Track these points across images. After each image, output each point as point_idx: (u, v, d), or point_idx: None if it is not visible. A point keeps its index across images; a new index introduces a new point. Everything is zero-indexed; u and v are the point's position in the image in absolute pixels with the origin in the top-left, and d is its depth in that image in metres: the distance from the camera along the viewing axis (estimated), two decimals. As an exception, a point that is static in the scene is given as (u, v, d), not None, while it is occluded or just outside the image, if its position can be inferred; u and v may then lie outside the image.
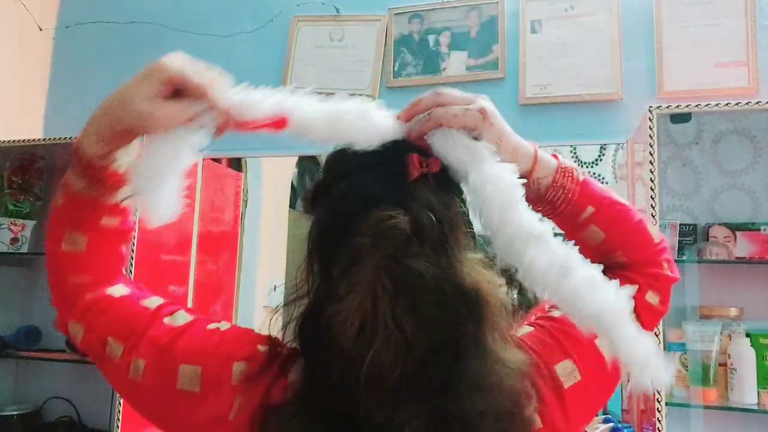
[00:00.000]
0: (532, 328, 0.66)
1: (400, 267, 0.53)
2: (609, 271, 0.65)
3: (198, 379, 0.59)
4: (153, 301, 0.66)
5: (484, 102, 0.63)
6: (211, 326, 0.63)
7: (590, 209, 0.66)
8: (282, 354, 0.60)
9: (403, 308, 0.52)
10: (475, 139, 0.61)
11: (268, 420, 0.55)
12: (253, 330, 0.64)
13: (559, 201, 0.66)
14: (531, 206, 0.61)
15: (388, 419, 0.51)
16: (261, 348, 0.61)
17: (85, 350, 0.66)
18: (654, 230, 0.69)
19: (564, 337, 0.63)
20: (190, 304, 2.02)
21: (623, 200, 0.69)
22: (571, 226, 0.69)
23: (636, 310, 0.64)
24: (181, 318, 0.64)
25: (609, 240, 0.67)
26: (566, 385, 0.61)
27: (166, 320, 0.63)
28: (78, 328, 0.65)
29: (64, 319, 0.67)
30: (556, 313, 0.66)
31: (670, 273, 0.69)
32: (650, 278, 0.67)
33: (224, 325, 0.64)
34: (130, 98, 0.56)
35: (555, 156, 0.67)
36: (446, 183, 0.60)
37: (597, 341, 0.63)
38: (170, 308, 0.65)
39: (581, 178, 0.66)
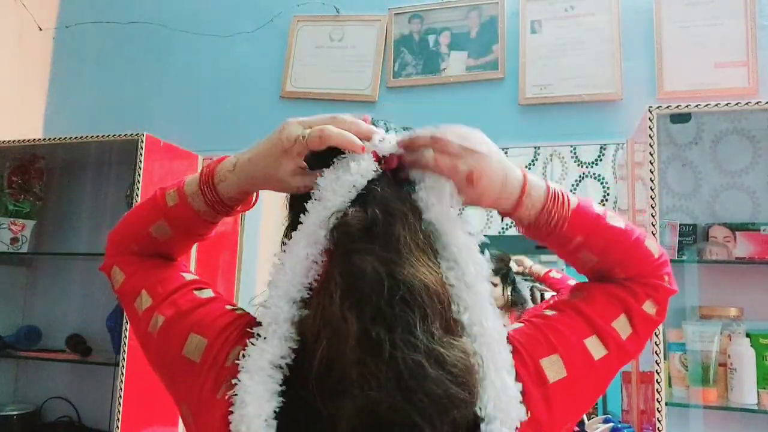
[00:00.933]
0: (522, 325, 0.67)
1: (347, 263, 0.57)
2: (608, 281, 0.68)
3: (201, 350, 0.63)
4: (190, 276, 0.73)
5: (479, 162, 0.62)
6: (229, 307, 0.68)
7: (578, 239, 0.66)
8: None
9: (348, 303, 0.55)
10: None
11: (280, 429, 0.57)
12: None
13: (546, 227, 0.66)
14: (522, 232, 0.69)
15: (329, 410, 0.53)
16: None
17: (119, 295, 0.74)
18: (653, 246, 0.69)
19: (552, 333, 0.64)
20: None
21: (619, 221, 0.68)
22: (563, 251, 0.70)
23: (631, 318, 0.66)
24: (206, 294, 0.70)
25: (603, 263, 0.68)
26: (551, 380, 0.61)
27: (194, 291, 0.70)
28: (121, 274, 0.73)
29: (111, 262, 0.75)
30: (549, 312, 0.67)
31: (669, 285, 0.69)
32: (649, 288, 0.68)
33: (240, 310, 0.68)
34: (273, 174, 0.65)
35: (546, 183, 0.67)
36: (404, 177, 0.65)
37: (586, 341, 0.64)
38: (201, 284, 0.71)
39: (573, 203, 0.66)
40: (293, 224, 0.64)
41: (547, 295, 1.83)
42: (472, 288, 0.60)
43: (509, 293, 1.80)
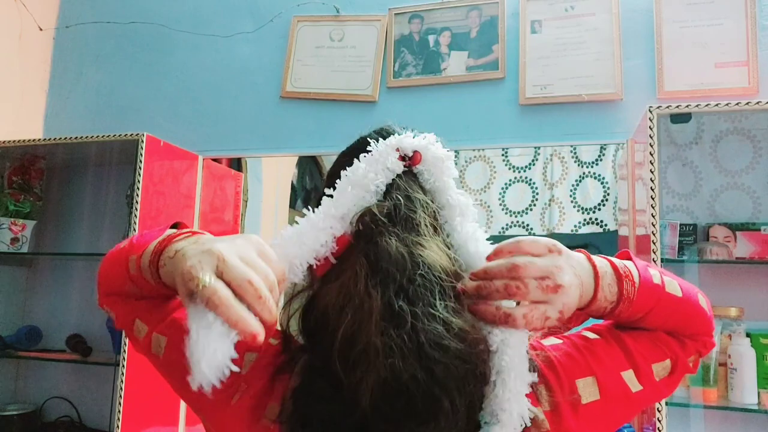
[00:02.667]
0: (560, 341, 0.67)
1: (374, 247, 0.60)
2: (663, 332, 0.69)
3: None
4: None
5: (563, 298, 0.58)
6: None
7: (641, 315, 0.65)
8: (292, 348, 0.64)
9: (374, 282, 0.57)
10: None
11: (295, 401, 0.59)
12: None
13: (615, 319, 0.66)
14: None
15: (350, 379, 0.55)
16: (273, 341, 0.65)
17: (118, 329, 0.75)
18: (705, 304, 0.70)
19: (591, 355, 0.65)
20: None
21: (676, 289, 0.67)
22: (623, 323, 0.69)
23: (675, 366, 0.68)
24: None
25: (661, 329, 0.68)
26: (584, 401, 0.62)
27: None
28: (112, 313, 0.74)
29: (102, 301, 0.75)
30: (590, 335, 0.68)
31: (713, 340, 0.71)
32: (700, 345, 0.70)
33: None
34: (174, 284, 0.57)
35: (617, 273, 0.62)
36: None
37: (623, 373, 0.65)
38: None
39: (637, 279, 0.63)
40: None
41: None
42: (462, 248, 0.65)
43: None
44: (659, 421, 1.37)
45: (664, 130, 1.62)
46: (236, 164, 2.26)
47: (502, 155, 1.98)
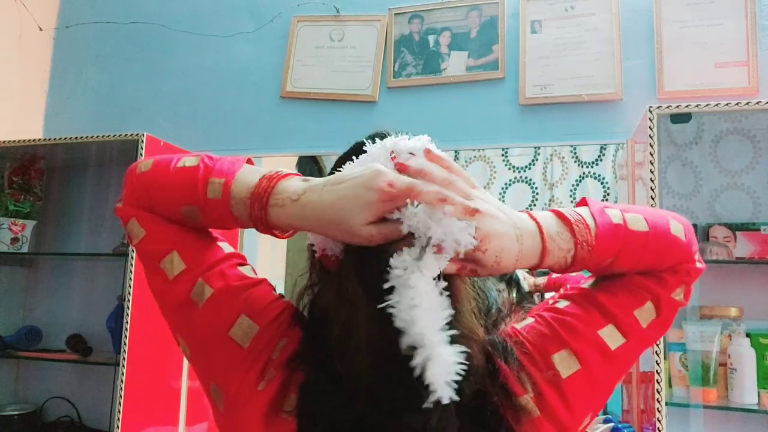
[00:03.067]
0: (532, 320, 0.66)
1: (365, 251, 0.57)
2: (639, 275, 0.66)
3: (251, 336, 0.61)
4: (228, 247, 0.68)
5: (485, 220, 0.56)
6: (278, 293, 0.66)
7: (609, 260, 0.62)
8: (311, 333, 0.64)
9: (362, 286, 0.57)
10: (470, 260, 0.59)
11: (300, 396, 0.59)
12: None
13: (581, 267, 0.62)
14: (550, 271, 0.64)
15: (347, 370, 0.56)
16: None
17: (137, 251, 0.67)
18: (678, 229, 0.65)
19: (562, 327, 0.63)
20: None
21: (641, 223, 0.63)
22: (595, 272, 0.67)
23: (659, 306, 0.64)
24: (250, 272, 0.67)
25: (636, 269, 0.65)
26: (564, 375, 0.61)
27: (240, 268, 0.66)
28: (141, 229, 0.65)
29: (130, 212, 0.66)
30: (560, 304, 0.67)
31: (699, 264, 0.66)
32: (682, 274, 0.65)
33: (283, 298, 0.67)
34: (346, 221, 0.55)
35: (567, 222, 0.60)
36: None
37: (600, 331, 0.63)
38: (241, 260, 0.68)
39: (593, 232, 0.60)
40: None
41: (547, 295, 1.83)
42: None
43: (514, 295, 1.80)
44: (659, 421, 1.37)
45: (664, 130, 1.62)
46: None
47: (502, 155, 1.97)
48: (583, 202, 0.65)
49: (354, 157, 0.64)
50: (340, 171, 0.61)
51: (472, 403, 0.56)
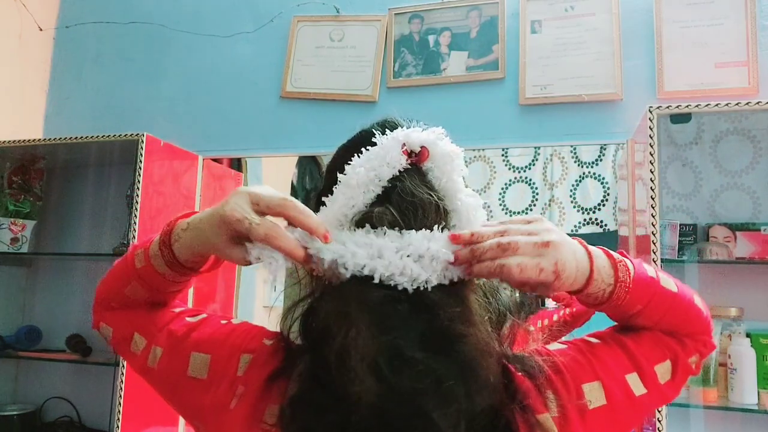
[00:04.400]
0: (565, 346, 0.67)
1: None
2: (663, 332, 0.68)
3: (206, 366, 0.64)
4: (180, 308, 0.74)
5: (556, 253, 0.58)
6: (224, 321, 0.70)
7: (638, 307, 0.64)
8: (289, 349, 0.63)
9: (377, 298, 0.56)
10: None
11: (291, 410, 0.58)
12: (264, 327, 0.69)
13: (612, 309, 0.65)
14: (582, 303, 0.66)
15: (347, 388, 0.55)
16: (267, 342, 0.65)
17: (113, 347, 0.75)
18: (702, 304, 0.69)
19: (596, 360, 0.64)
20: (190, 304, 2.01)
21: (671, 285, 0.66)
22: (616, 318, 0.69)
23: (676, 367, 0.66)
24: (198, 318, 0.71)
25: (656, 327, 0.67)
26: (591, 406, 0.61)
27: (187, 318, 0.71)
28: (108, 328, 0.74)
29: (98, 319, 0.76)
30: (593, 340, 0.68)
31: (714, 342, 0.70)
32: (700, 344, 0.68)
33: (235, 321, 0.70)
34: (213, 243, 0.61)
35: (611, 259, 0.63)
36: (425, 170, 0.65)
37: (627, 376, 0.64)
38: (194, 312, 0.73)
39: (632, 276, 0.63)
40: (323, 195, 0.65)
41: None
42: None
43: (516, 295, 1.79)
44: (659, 422, 1.37)
45: (664, 130, 1.62)
46: (236, 164, 2.26)
47: (502, 155, 1.97)
48: (621, 254, 0.66)
49: (363, 149, 0.63)
50: (349, 164, 0.62)
51: (484, 418, 0.55)
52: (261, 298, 2.17)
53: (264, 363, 0.62)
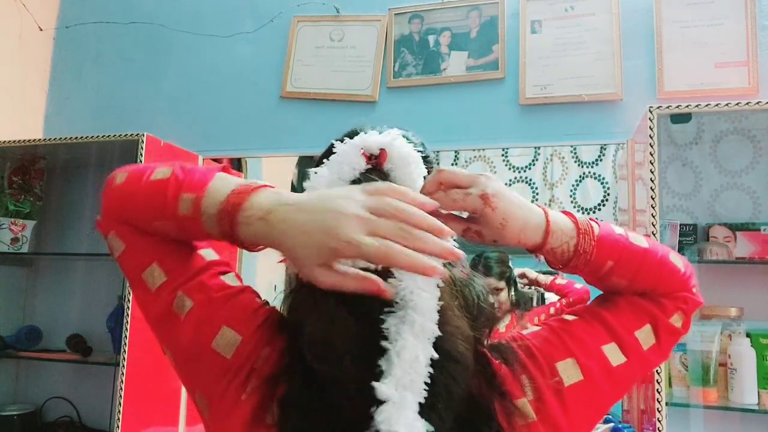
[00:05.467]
0: (539, 328, 0.67)
1: None
2: (639, 297, 0.68)
3: (234, 347, 0.60)
4: (210, 253, 0.67)
5: (488, 182, 0.61)
6: (259, 300, 0.65)
7: (610, 263, 0.65)
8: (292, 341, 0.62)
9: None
10: (477, 219, 0.62)
11: (281, 410, 0.58)
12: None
13: (582, 264, 0.64)
14: (550, 266, 0.67)
15: (326, 379, 0.55)
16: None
17: (119, 263, 0.66)
18: (678, 260, 0.68)
19: (569, 337, 0.65)
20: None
21: (642, 242, 0.67)
22: (592, 279, 0.68)
23: (657, 330, 0.66)
24: (232, 280, 0.65)
25: (633, 285, 0.67)
26: (567, 383, 0.62)
27: (221, 276, 0.65)
28: (119, 242, 0.65)
29: (108, 226, 0.66)
30: (569, 317, 0.68)
31: (696, 298, 0.69)
32: (679, 301, 0.67)
33: (267, 304, 0.66)
34: (301, 260, 0.54)
35: (571, 216, 0.64)
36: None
37: (604, 347, 0.64)
38: (224, 267, 0.67)
39: (596, 231, 0.64)
40: None
41: (547, 295, 1.83)
42: None
43: (512, 294, 1.80)
44: (659, 422, 1.37)
45: (664, 130, 1.62)
46: (236, 164, 2.26)
47: (502, 155, 1.97)
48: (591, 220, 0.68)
49: (325, 159, 0.65)
50: (315, 173, 0.63)
51: (464, 406, 0.56)
52: (262, 292, 2.17)
53: (277, 360, 0.61)
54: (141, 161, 1.82)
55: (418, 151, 0.67)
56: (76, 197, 2.28)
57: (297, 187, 2.28)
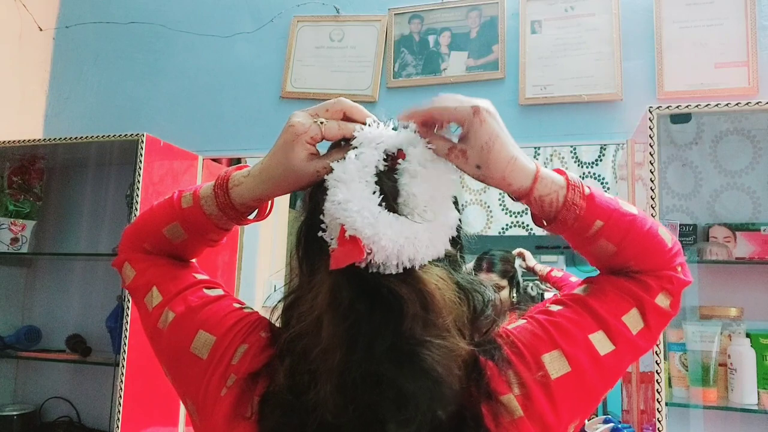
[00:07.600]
0: (524, 321, 0.66)
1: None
2: (623, 275, 0.67)
3: (209, 347, 0.65)
4: (202, 276, 0.74)
5: (483, 102, 0.61)
6: (237, 305, 0.70)
7: (599, 223, 0.63)
8: (281, 342, 0.64)
9: (348, 300, 0.57)
10: (464, 137, 0.61)
11: (261, 404, 0.60)
12: (266, 318, 0.69)
13: (571, 219, 0.63)
14: (536, 222, 0.66)
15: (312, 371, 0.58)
16: (263, 334, 0.66)
17: (129, 291, 0.75)
18: (666, 235, 0.67)
19: (554, 328, 0.63)
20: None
21: (632, 209, 0.66)
22: (579, 241, 0.67)
23: (644, 313, 0.65)
24: (216, 292, 0.71)
25: (620, 252, 0.65)
26: (554, 376, 0.61)
27: (205, 290, 0.71)
28: (132, 270, 0.75)
29: (123, 258, 0.76)
30: (554, 308, 0.67)
31: (683, 276, 0.67)
32: (663, 280, 0.66)
33: (248, 309, 0.70)
34: (289, 165, 0.63)
35: (562, 172, 0.64)
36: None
37: (591, 336, 0.63)
38: (212, 284, 0.73)
39: (587, 191, 0.63)
40: (310, 218, 0.63)
41: (547, 294, 1.83)
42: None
43: (514, 294, 1.80)
44: (659, 422, 1.37)
45: (664, 131, 1.62)
46: (236, 164, 2.26)
47: (502, 155, 1.97)
48: None
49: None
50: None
51: (450, 414, 0.56)
52: (261, 299, 2.17)
53: (254, 356, 0.63)
54: (141, 161, 1.82)
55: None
56: (76, 197, 2.28)
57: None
